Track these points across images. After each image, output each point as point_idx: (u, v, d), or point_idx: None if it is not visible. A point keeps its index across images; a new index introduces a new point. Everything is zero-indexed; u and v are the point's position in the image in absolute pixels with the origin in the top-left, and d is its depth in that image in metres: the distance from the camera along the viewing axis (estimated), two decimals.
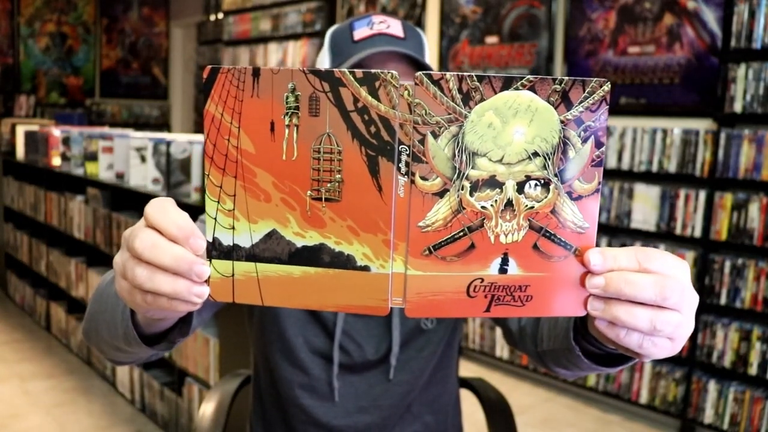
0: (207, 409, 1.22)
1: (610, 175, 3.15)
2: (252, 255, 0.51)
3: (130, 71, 7.70)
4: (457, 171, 0.50)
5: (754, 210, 2.67)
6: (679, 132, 2.89)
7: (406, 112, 0.49)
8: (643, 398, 3.00)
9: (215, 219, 0.51)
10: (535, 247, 0.51)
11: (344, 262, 0.51)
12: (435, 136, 0.49)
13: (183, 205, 2.42)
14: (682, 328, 0.52)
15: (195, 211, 2.28)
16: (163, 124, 7.78)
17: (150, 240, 0.51)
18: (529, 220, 0.51)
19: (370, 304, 0.51)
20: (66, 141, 3.42)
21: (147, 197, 2.66)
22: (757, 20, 2.65)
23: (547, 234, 0.51)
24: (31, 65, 7.10)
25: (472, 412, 1.23)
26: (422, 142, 0.49)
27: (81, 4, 7.34)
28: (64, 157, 3.44)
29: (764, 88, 2.64)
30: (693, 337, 2.84)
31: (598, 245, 0.52)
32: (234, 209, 0.51)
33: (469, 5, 3.86)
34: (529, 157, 0.50)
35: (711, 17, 2.85)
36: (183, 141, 2.40)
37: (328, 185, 0.50)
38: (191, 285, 0.51)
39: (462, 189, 0.50)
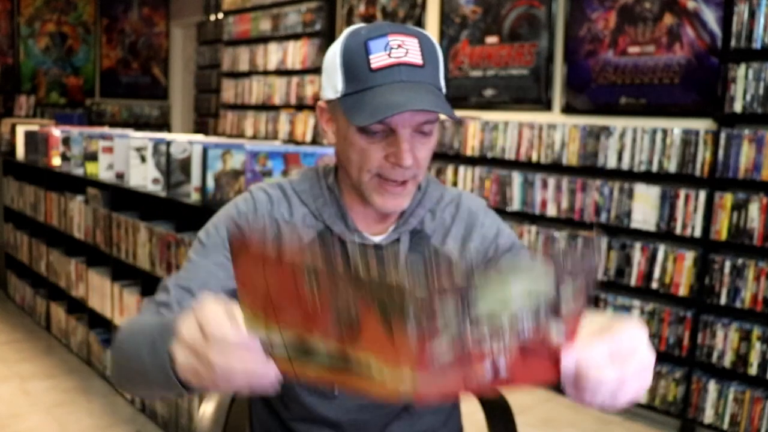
0: (207, 409, 1.22)
1: (610, 175, 3.15)
2: (286, 353, 0.62)
3: (130, 71, 7.71)
4: (460, 321, 0.55)
5: (754, 210, 2.67)
6: (679, 132, 2.89)
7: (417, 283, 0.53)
8: (643, 398, 3.00)
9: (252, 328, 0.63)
10: (523, 350, 0.59)
11: (363, 368, 0.59)
12: (443, 302, 0.53)
13: (183, 205, 2.42)
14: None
15: (195, 211, 2.28)
16: (163, 124, 7.79)
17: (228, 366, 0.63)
18: (520, 339, 0.58)
19: (384, 395, 0.59)
20: (66, 141, 3.42)
21: (147, 197, 2.66)
22: (757, 20, 2.65)
23: (535, 346, 0.59)
24: (31, 65, 7.10)
25: (472, 412, 1.23)
26: (431, 306, 0.53)
27: (81, 4, 7.34)
28: (64, 157, 3.44)
29: (764, 88, 2.64)
30: (693, 337, 2.85)
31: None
32: (268, 328, 0.61)
33: (469, 5, 3.86)
34: (526, 302, 0.56)
35: (711, 17, 2.85)
36: (183, 141, 2.41)
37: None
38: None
39: (463, 330, 0.55)
